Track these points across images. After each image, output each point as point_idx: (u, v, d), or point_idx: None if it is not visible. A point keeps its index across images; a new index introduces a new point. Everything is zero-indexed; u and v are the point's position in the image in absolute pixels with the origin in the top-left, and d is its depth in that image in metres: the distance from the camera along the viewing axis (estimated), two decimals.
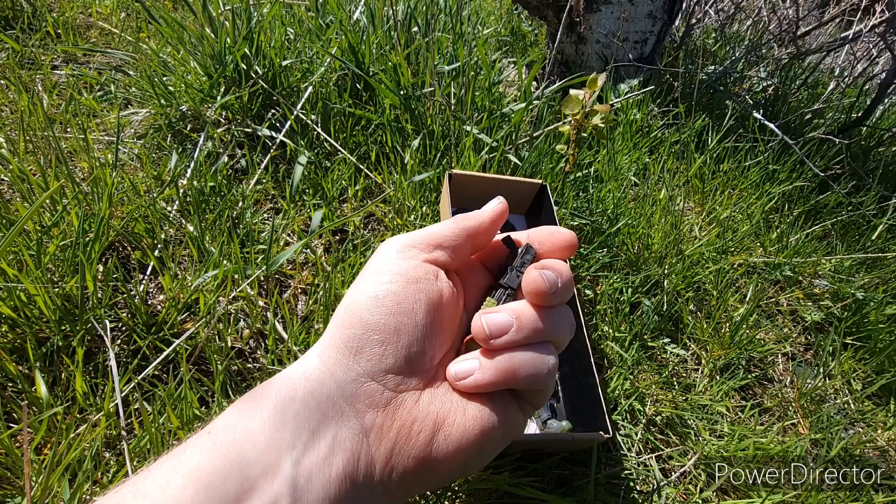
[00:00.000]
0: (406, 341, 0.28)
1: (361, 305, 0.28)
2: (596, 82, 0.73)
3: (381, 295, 0.28)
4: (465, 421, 0.28)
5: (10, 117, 0.81)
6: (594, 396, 0.54)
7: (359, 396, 0.27)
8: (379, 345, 0.27)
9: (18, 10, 1.05)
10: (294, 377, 0.27)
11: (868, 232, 1.04)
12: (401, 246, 0.31)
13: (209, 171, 0.75)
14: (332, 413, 0.26)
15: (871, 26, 1.44)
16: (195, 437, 0.25)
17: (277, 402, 0.25)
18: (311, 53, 0.97)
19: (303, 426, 0.25)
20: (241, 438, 0.24)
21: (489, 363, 0.29)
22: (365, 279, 0.29)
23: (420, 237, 0.31)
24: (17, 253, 0.55)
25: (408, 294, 0.28)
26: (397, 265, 0.30)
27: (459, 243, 0.32)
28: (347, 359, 0.27)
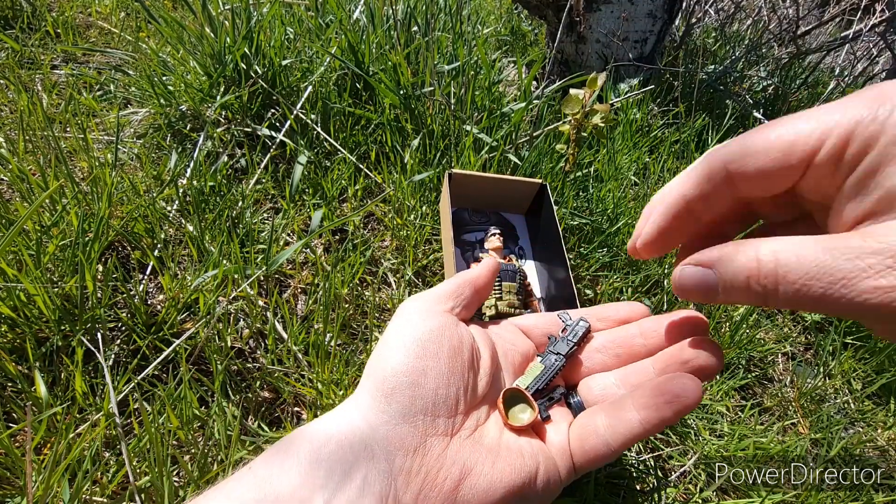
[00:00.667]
0: (433, 384, 0.30)
1: (390, 354, 0.30)
2: (596, 82, 0.72)
3: (407, 342, 0.31)
4: (493, 473, 0.28)
5: (10, 117, 0.81)
6: None
7: (390, 439, 0.28)
8: (409, 387, 0.29)
9: (18, 9, 1.05)
10: (329, 421, 0.28)
11: None
12: (419, 304, 0.34)
13: (209, 171, 0.75)
14: (364, 455, 0.27)
15: (871, 26, 1.44)
16: (239, 471, 0.27)
17: (314, 443, 0.27)
18: (311, 53, 0.97)
19: (335, 467, 0.26)
20: (278, 474, 0.25)
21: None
22: (390, 334, 0.32)
23: (433, 295, 0.35)
24: (16, 253, 0.55)
25: (432, 339, 0.31)
26: (419, 318, 0.32)
27: (466, 294, 0.36)
28: (379, 402, 0.29)
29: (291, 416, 0.55)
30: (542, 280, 0.72)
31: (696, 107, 1.15)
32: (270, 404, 0.55)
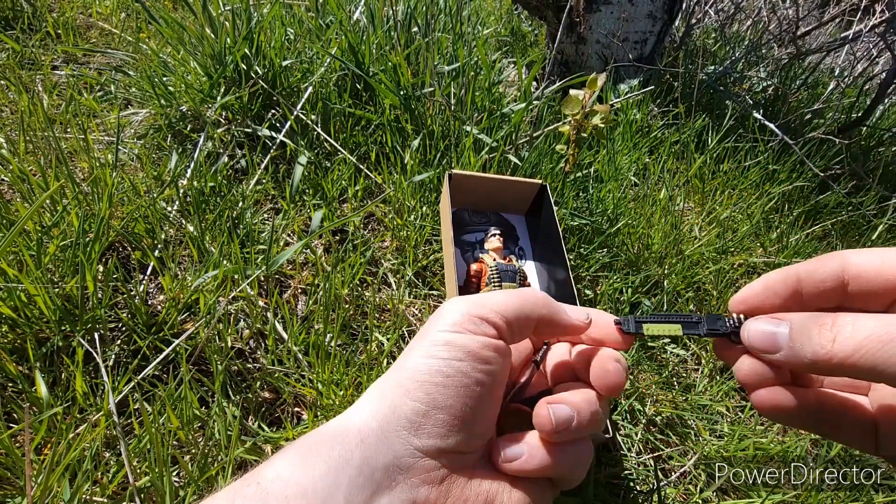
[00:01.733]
0: (469, 422, 0.28)
1: (429, 380, 0.27)
2: (596, 82, 0.73)
3: (451, 373, 0.27)
4: (512, 499, 0.28)
5: (11, 117, 0.81)
6: None
7: (414, 470, 0.27)
8: (443, 425, 0.27)
9: (18, 10, 1.06)
10: (349, 438, 0.26)
11: (868, 232, 1.04)
12: (469, 311, 0.29)
13: (209, 172, 0.75)
14: (386, 483, 0.26)
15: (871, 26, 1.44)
16: (242, 484, 0.25)
17: (332, 463, 0.25)
18: (311, 53, 0.97)
19: (355, 494, 0.25)
20: (293, 496, 0.24)
21: (535, 451, 0.29)
22: (432, 347, 0.28)
23: (494, 309, 0.29)
24: (17, 253, 0.55)
25: (476, 376, 0.28)
26: (466, 340, 0.28)
27: (527, 330, 0.31)
28: (408, 432, 0.27)
29: (292, 417, 0.55)
30: (542, 280, 0.72)
31: (696, 107, 1.15)
32: (271, 404, 0.55)
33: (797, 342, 0.25)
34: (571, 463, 0.30)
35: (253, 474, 0.25)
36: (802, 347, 0.24)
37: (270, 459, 0.26)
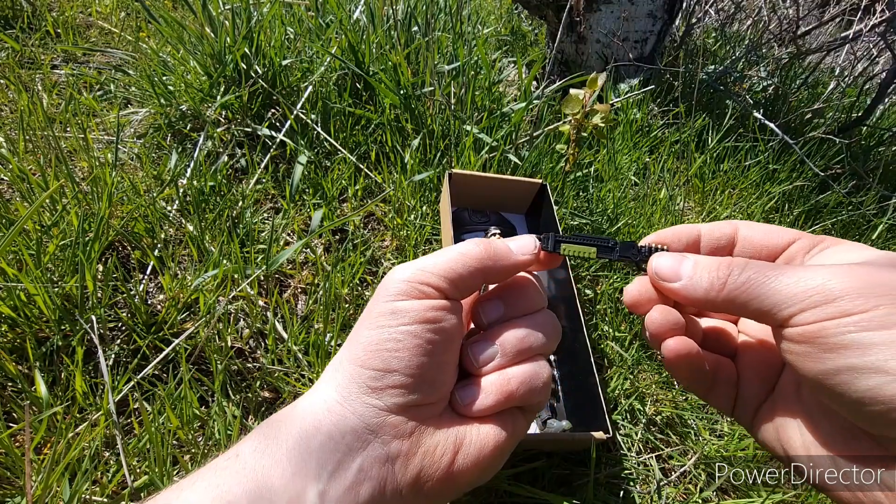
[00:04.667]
0: (425, 377, 0.29)
1: (381, 346, 0.28)
2: (596, 82, 0.72)
3: (401, 338, 0.28)
4: (481, 439, 0.30)
5: (10, 117, 0.81)
6: (594, 396, 0.54)
7: (383, 428, 0.28)
8: (402, 385, 0.28)
9: (18, 9, 1.05)
10: (316, 409, 0.28)
11: (868, 232, 1.04)
12: (411, 279, 0.30)
13: (209, 171, 0.75)
14: (357, 444, 0.27)
15: (871, 26, 1.44)
16: (224, 458, 0.26)
17: (302, 433, 0.26)
18: (311, 53, 0.97)
19: (328, 457, 0.26)
20: (269, 466, 0.25)
21: (489, 388, 0.31)
22: (379, 318, 0.29)
23: (433, 271, 0.30)
24: (16, 253, 0.55)
25: (427, 336, 0.29)
26: (411, 305, 0.29)
27: (473, 283, 0.31)
28: (369, 397, 0.28)
29: None
30: (542, 280, 0.72)
31: (696, 107, 1.15)
32: (271, 404, 0.55)
33: (697, 273, 0.28)
34: (526, 388, 0.31)
35: (233, 449, 0.26)
36: (701, 279, 0.27)
37: (247, 437, 0.27)
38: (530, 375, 0.31)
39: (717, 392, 0.32)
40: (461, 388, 0.31)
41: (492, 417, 0.31)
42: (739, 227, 0.32)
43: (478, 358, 0.31)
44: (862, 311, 0.22)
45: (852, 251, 0.27)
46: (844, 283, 0.22)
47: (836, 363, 0.22)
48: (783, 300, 0.24)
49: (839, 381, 0.22)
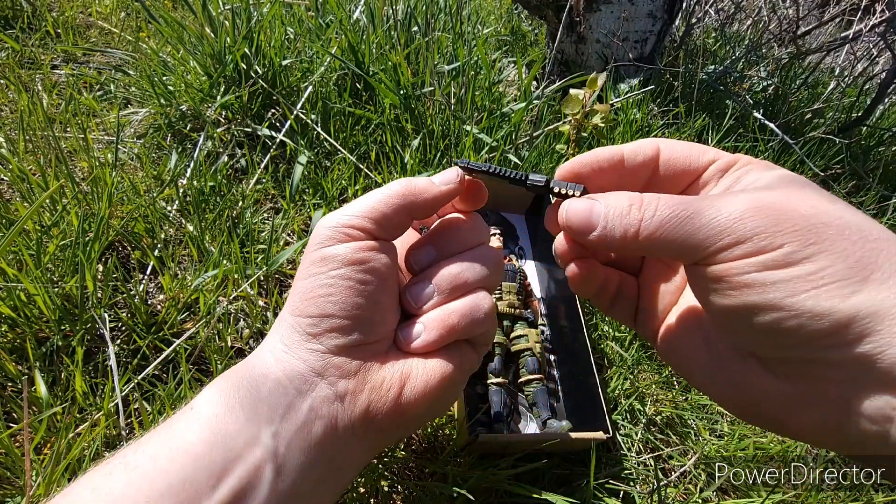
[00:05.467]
0: (363, 318, 0.30)
1: (315, 293, 0.30)
2: (596, 82, 0.73)
3: (331, 283, 0.29)
4: (427, 371, 0.31)
5: (10, 117, 0.81)
6: (594, 396, 0.54)
7: (328, 369, 0.29)
8: (340, 327, 0.29)
9: (18, 9, 1.05)
10: (265, 360, 0.29)
11: None
12: (336, 224, 0.31)
13: (209, 171, 0.75)
14: (305, 387, 0.28)
15: (871, 26, 1.44)
16: (179, 414, 0.27)
17: (252, 382, 0.28)
18: (311, 53, 0.97)
19: (278, 401, 0.27)
20: (223, 413, 0.26)
21: (431, 323, 0.32)
22: (310, 267, 0.30)
23: (356, 214, 0.31)
24: (17, 253, 0.55)
25: (358, 277, 0.30)
26: (338, 250, 0.30)
27: (399, 220, 0.32)
28: (310, 342, 0.29)
29: None
30: (542, 280, 0.72)
31: (696, 107, 1.15)
32: None
33: (610, 221, 0.27)
34: (467, 321, 0.32)
35: (188, 404, 0.28)
36: (614, 227, 0.27)
37: (201, 392, 0.28)
38: (470, 308, 0.32)
39: (619, 307, 0.34)
40: (403, 327, 0.32)
41: (437, 352, 0.32)
42: (661, 148, 0.31)
43: (416, 298, 0.32)
44: (766, 251, 0.23)
45: (763, 175, 0.27)
46: (751, 222, 0.23)
47: (740, 300, 0.23)
48: (696, 244, 0.24)
49: (741, 315, 0.24)
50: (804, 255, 0.22)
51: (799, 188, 0.25)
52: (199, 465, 0.24)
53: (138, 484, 0.24)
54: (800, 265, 0.22)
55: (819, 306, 0.22)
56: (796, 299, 0.22)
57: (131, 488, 0.23)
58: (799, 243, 0.22)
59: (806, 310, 0.22)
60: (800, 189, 0.25)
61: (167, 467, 0.24)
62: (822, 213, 0.23)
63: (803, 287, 0.22)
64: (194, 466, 0.24)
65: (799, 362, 0.24)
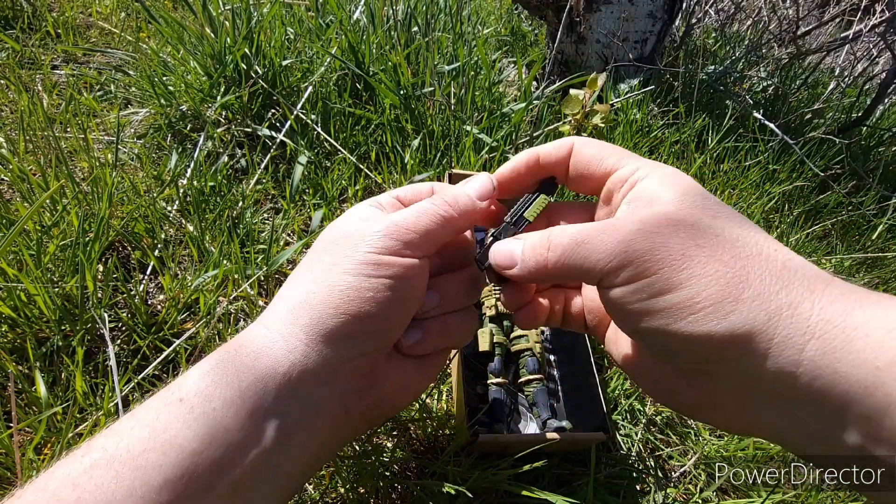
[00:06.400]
0: (391, 327, 0.31)
1: (360, 294, 0.29)
2: (596, 82, 0.73)
3: (379, 287, 0.29)
4: (419, 375, 0.34)
5: (10, 117, 0.81)
6: (594, 396, 0.54)
7: (343, 370, 0.30)
8: (370, 332, 0.30)
9: (18, 9, 1.05)
10: (275, 351, 0.28)
11: (868, 232, 1.04)
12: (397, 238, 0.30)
13: (209, 171, 0.75)
14: (317, 384, 0.29)
15: (871, 26, 1.44)
16: (163, 403, 0.26)
17: (258, 374, 0.27)
18: (311, 53, 0.97)
19: (286, 397, 0.27)
20: (220, 408, 0.26)
21: (430, 331, 0.34)
22: (361, 266, 0.29)
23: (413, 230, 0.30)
24: (17, 253, 0.55)
25: (401, 290, 0.30)
26: (394, 261, 0.30)
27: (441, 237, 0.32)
28: (330, 345, 0.29)
29: None
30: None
31: (696, 107, 1.15)
32: None
33: (526, 256, 0.29)
34: (460, 334, 0.35)
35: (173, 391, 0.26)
36: (529, 260, 0.29)
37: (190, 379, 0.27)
38: (465, 322, 0.35)
39: (570, 322, 0.37)
40: (408, 333, 0.33)
41: (429, 355, 0.35)
42: (574, 149, 0.32)
43: (423, 307, 0.33)
44: (645, 277, 0.25)
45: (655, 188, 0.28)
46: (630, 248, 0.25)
47: (636, 325, 0.26)
48: (588, 269, 0.27)
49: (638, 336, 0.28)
50: (678, 281, 0.24)
51: (686, 204, 0.26)
52: (198, 460, 0.24)
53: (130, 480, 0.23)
54: (675, 291, 0.24)
55: (699, 330, 0.23)
56: (678, 325, 0.24)
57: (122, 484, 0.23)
58: (673, 269, 0.24)
59: (687, 333, 0.24)
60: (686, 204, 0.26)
61: (160, 462, 0.23)
62: (699, 232, 0.25)
63: (681, 314, 0.24)
64: (192, 461, 0.24)
65: (699, 372, 0.26)
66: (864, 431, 0.21)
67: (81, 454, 0.24)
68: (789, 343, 0.22)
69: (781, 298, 0.23)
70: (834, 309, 0.22)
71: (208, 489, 0.24)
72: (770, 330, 0.23)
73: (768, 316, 0.23)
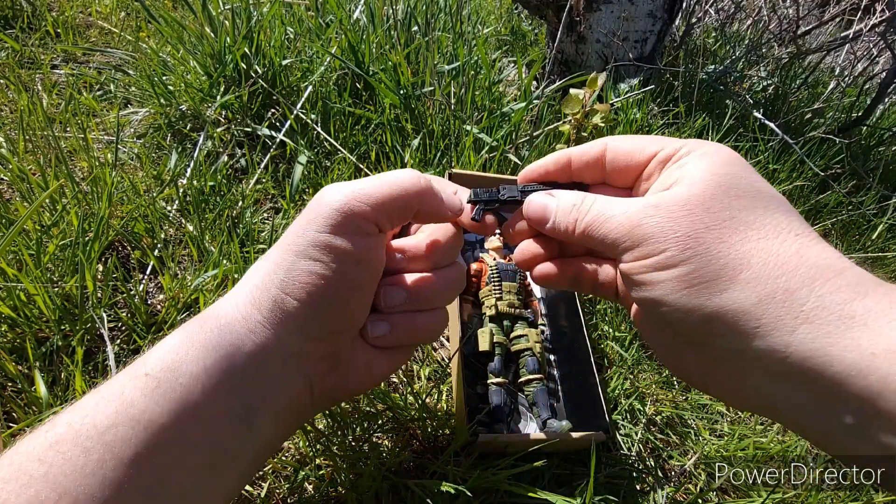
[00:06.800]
0: (349, 310, 0.31)
1: (309, 281, 0.29)
2: (596, 82, 0.73)
3: (329, 274, 0.29)
4: (384, 362, 0.35)
5: (10, 117, 0.81)
6: (594, 396, 0.54)
7: (304, 352, 0.30)
8: (325, 317, 0.30)
9: (18, 9, 1.05)
10: (236, 329, 0.28)
11: (868, 231, 1.04)
12: (351, 213, 0.30)
13: (209, 171, 0.75)
14: (279, 365, 0.29)
15: (871, 26, 1.44)
16: (128, 378, 0.26)
17: (222, 352, 0.27)
18: (311, 53, 0.97)
19: (251, 374, 0.28)
20: (187, 384, 0.26)
21: (397, 326, 0.34)
22: (311, 249, 0.29)
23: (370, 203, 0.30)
24: (16, 253, 0.55)
25: (356, 274, 0.30)
26: (345, 244, 0.29)
27: (405, 218, 0.32)
28: (293, 323, 0.29)
29: None
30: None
31: (696, 107, 1.15)
32: None
33: (558, 217, 0.31)
34: (427, 334, 0.36)
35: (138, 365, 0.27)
36: (560, 222, 0.31)
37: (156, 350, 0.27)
38: (433, 323, 0.35)
39: (601, 290, 0.37)
40: (373, 321, 0.34)
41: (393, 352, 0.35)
42: (608, 145, 0.33)
43: (389, 301, 0.33)
44: (654, 255, 0.27)
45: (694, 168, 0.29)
46: (646, 228, 0.27)
47: (640, 295, 0.28)
48: (610, 244, 0.29)
49: (644, 306, 0.29)
50: (681, 259, 0.26)
51: (715, 184, 0.27)
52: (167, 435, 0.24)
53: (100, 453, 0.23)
54: (676, 267, 0.26)
55: (690, 303, 0.25)
56: (675, 297, 0.26)
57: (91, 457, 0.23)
58: (678, 248, 0.26)
59: (681, 305, 0.26)
60: (715, 185, 0.27)
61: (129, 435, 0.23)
62: (713, 215, 0.26)
63: (678, 287, 0.26)
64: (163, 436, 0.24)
65: (698, 344, 0.28)
66: (858, 409, 0.22)
67: (45, 430, 0.24)
68: (779, 325, 0.23)
69: (779, 284, 0.24)
70: (833, 298, 0.23)
71: (179, 464, 0.25)
72: (759, 311, 0.24)
73: (759, 298, 0.24)
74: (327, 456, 0.46)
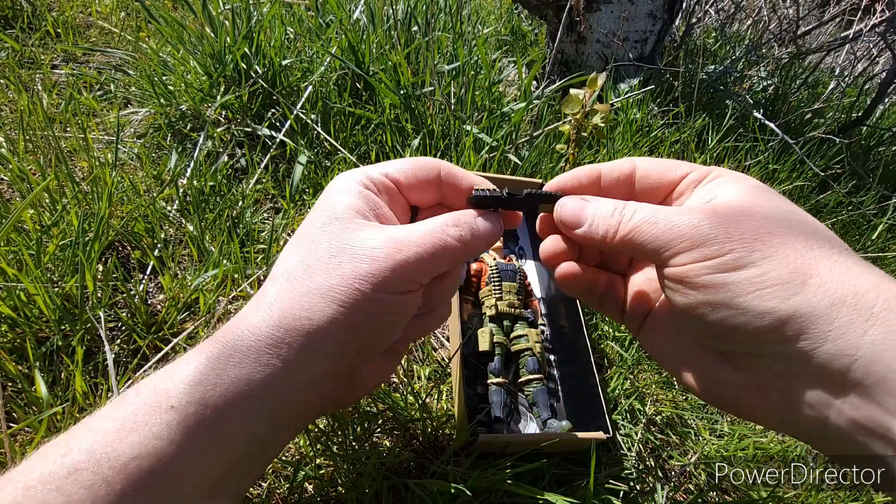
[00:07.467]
0: (373, 349, 0.32)
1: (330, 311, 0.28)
2: (596, 82, 0.72)
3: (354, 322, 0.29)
4: (380, 373, 0.36)
5: (10, 117, 0.81)
6: (594, 396, 0.54)
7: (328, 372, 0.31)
8: (358, 352, 0.31)
9: (18, 9, 1.05)
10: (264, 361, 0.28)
11: (868, 231, 1.04)
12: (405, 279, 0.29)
13: (209, 171, 0.75)
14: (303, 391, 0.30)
15: (871, 26, 1.44)
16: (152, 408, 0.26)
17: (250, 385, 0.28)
18: (311, 53, 0.97)
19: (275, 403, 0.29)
20: (214, 419, 0.26)
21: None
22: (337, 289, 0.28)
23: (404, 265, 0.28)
24: (16, 252, 0.55)
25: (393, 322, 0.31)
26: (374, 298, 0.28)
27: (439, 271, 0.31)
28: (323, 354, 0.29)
29: None
30: (542, 280, 0.72)
31: (696, 107, 1.15)
32: None
33: (595, 221, 0.30)
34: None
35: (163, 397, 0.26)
36: (598, 226, 0.30)
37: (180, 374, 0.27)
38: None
39: (607, 303, 0.37)
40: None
41: (396, 351, 0.38)
42: (637, 164, 0.34)
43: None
44: (718, 256, 0.26)
45: (733, 186, 0.29)
46: (706, 229, 0.26)
47: (697, 299, 0.27)
48: (660, 246, 0.27)
49: (699, 312, 0.27)
50: (750, 261, 0.25)
51: (761, 199, 0.28)
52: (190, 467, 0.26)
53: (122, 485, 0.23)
54: (746, 269, 0.25)
55: (762, 306, 0.24)
56: (742, 299, 0.25)
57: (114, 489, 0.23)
58: (746, 250, 0.25)
59: (750, 309, 0.25)
60: (762, 200, 0.28)
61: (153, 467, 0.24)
62: (773, 222, 0.26)
63: (748, 289, 0.25)
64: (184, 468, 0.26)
65: (748, 355, 0.27)
66: None
67: (61, 454, 0.24)
68: (851, 327, 0.23)
69: (848, 288, 0.24)
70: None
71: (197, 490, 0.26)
72: (832, 314, 0.23)
73: (831, 302, 0.23)
74: (327, 456, 0.46)
